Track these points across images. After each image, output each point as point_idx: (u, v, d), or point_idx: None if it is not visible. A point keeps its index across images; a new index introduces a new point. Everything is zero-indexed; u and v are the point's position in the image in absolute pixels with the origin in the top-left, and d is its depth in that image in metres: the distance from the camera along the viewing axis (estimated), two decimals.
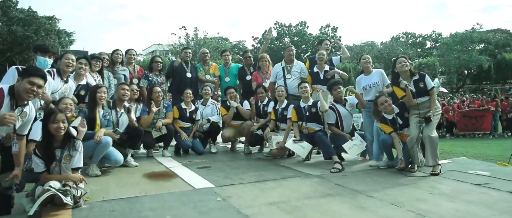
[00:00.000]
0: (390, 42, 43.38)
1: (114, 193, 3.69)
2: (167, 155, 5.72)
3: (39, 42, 4.19)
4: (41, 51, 3.78)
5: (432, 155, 4.51)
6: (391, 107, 4.71)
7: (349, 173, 4.59)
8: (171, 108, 5.92)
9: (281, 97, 5.71)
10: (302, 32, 40.52)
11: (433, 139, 4.49)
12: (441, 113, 4.83)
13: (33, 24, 32.52)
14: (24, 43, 31.85)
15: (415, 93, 4.61)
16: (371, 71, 5.47)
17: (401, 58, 4.69)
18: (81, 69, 4.89)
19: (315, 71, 6.15)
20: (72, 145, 3.40)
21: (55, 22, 36.53)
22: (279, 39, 41.12)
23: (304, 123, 5.36)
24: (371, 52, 41.31)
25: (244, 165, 5.10)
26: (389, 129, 4.72)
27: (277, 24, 41.15)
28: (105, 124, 4.63)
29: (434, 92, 4.64)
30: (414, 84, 4.63)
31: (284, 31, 40.87)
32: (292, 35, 40.67)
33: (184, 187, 3.92)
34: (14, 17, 32.00)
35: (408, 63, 4.61)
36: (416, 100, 4.62)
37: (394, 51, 40.32)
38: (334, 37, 41.10)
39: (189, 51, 7.01)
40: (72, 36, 39.54)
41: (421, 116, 4.58)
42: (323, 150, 5.10)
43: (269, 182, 4.15)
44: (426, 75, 4.69)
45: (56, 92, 4.21)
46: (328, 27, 41.55)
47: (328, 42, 6.71)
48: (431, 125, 4.53)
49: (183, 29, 36.48)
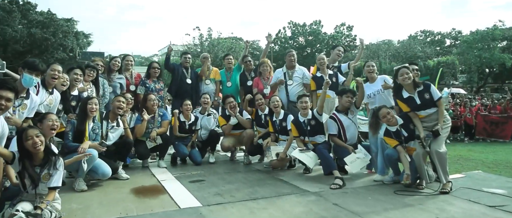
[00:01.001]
0: (407, 41, 42.22)
1: (93, 213, 3.47)
2: (163, 165, 5.49)
3: (29, 59, 4.03)
4: (29, 68, 3.57)
5: (442, 172, 4.14)
6: (394, 119, 4.35)
7: (350, 190, 4.25)
8: (167, 116, 5.69)
9: (277, 108, 5.41)
10: (317, 31, 39.84)
11: (441, 155, 4.11)
12: (450, 124, 4.41)
13: (51, 26, 33.25)
14: (43, 45, 32.61)
15: (420, 105, 4.25)
16: (375, 79, 5.12)
17: (403, 69, 4.31)
18: (76, 80, 4.73)
19: (319, 75, 5.82)
20: (53, 163, 3.20)
21: (73, 24, 37.25)
22: (293, 39, 40.59)
23: (307, 137, 5.05)
24: (388, 50, 40.37)
25: (240, 179, 4.82)
26: (394, 143, 4.36)
27: (291, 24, 40.68)
28: (93, 138, 4.43)
29: (441, 103, 4.27)
30: (418, 96, 4.26)
31: (298, 30, 40.29)
32: (306, 35, 40.08)
33: (169, 206, 3.67)
34: (33, 19, 32.76)
35: (411, 75, 4.23)
36: (424, 112, 4.26)
37: (412, 50, 39.26)
38: (349, 36, 40.48)
39: (189, 56, 6.76)
40: (89, 37, 40.24)
41: (429, 129, 4.21)
42: (323, 165, 4.77)
43: (262, 200, 3.86)
44: (431, 85, 4.31)
45: (41, 103, 4.03)
46: (343, 26, 40.73)
47: (342, 49, 6.39)
48: (440, 139, 4.16)
49: (197, 29, 36.66)
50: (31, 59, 3.74)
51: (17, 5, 31.56)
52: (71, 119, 4.37)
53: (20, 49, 31.79)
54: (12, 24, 30.53)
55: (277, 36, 40.80)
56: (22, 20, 32.34)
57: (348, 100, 4.93)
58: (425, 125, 4.28)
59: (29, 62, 3.67)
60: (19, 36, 30.84)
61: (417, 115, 4.32)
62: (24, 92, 3.61)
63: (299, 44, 40.87)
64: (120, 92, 5.83)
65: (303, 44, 40.55)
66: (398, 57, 36.27)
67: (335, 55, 6.26)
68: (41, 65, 3.70)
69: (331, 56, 6.32)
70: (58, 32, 33.39)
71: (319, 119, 5.03)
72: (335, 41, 37.54)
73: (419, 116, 4.32)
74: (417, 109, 4.30)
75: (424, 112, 4.28)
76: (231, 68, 6.84)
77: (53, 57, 33.31)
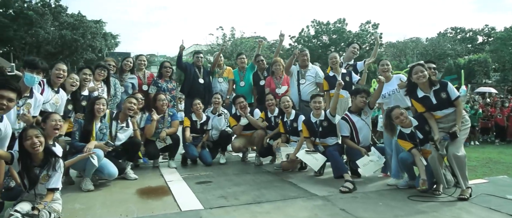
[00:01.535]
0: (436, 38, 40.70)
1: (95, 214, 3.46)
2: (173, 166, 5.46)
3: (29, 58, 4.10)
4: (29, 67, 3.60)
5: (461, 177, 3.87)
6: (408, 120, 4.11)
7: (360, 195, 4.05)
8: (177, 116, 5.65)
9: (288, 109, 5.25)
10: (341, 29, 38.96)
11: (459, 159, 3.83)
12: (469, 125, 4.09)
13: (80, 27, 34.37)
14: (73, 46, 33.77)
15: (436, 105, 3.98)
16: (390, 78, 4.87)
17: (418, 67, 4.03)
18: (86, 79, 4.77)
19: (332, 75, 5.63)
20: (52, 164, 3.19)
21: (102, 25, 38.41)
22: (317, 37, 39.93)
23: (318, 139, 4.88)
24: (416, 48, 39.18)
25: (248, 181, 4.71)
26: (409, 145, 4.11)
27: (314, 22, 40.01)
28: (100, 138, 4.43)
29: (460, 102, 3.97)
30: (434, 95, 3.98)
31: (321, 29, 39.58)
32: (330, 33, 39.33)
33: (170, 208, 3.60)
34: (64, 21, 33.94)
35: (426, 73, 3.97)
36: (440, 112, 4.00)
37: (441, 47, 37.87)
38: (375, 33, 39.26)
39: (201, 55, 6.70)
40: (117, 38, 41.40)
41: (445, 130, 3.95)
42: (333, 168, 4.56)
43: (266, 204, 3.73)
44: (448, 84, 4.02)
45: (47, 102, 4.07)
46: (368, 24, 39.64)
47: (357, 46, 6.15)
48: (458, 141, 3.88)
49: (220, 29, 36.84)
50: (31, 58, 3.76)
51: (49, 8, 32.74)
52: (78, 119, 4.38)
53: (52, 50, 33.06)
54: (44, 26, 31.74)
55: (300, 35, 40.31)
56: (54, 22, 33.63)
57: (362, 100, 4.70)
58: (442, 127, 4.01)
59: (29, 60, 3.70)
60: (51, 37, 32.05)
61: (433, 116, 4.06)
62: (27, 92, 3.64)
63: (323, 42, 40.16)
64: (132, 92, 5.84)
65: (327, 42, 39.75)
66: (427, 55, 35.05)
67: (350, 53, 6.03)
68: (41, 63, 3.71)
69: (346, 53, 6.11)
70: (87, 33, 34.52)
71: (332, 120, 4.84)
72: (360, 39, 36.65)
73: (435, 116, 4.06)
74: (433, 109, 4.04)
75: (440, 112, 4.01)
76: (244, 67, 6.73)
77: (82, 58, 34.46)
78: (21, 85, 3.40)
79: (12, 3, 30.67)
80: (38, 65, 3.65)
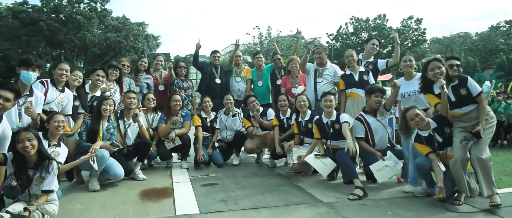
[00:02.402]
0: (487, 33, 38.02)
1: (90, 215, 3.46)
2: (184, 167, 5.41)
3: (23, 56, 4.22)
4: (24, 65, 3.67)
5: (486, 183, 3.45)
6: (424, 122, 3.73)
7: (370, 202, 3.74)
8: (190, 117, 5.60)
9: (303, 108, 5.01)
10: (381, 26, 37.56)
11: (484, 162, 3.43)
12: (494, 124, 3.65)
13: (123, 30, 35.91)
14: (116, 47, 35.35)
15: (455, 102, 3.62)
16: (413, 76, 4.49)
17: (434, 62, 3.67)
18: (98, 81, 4.84)
19: (348, 73, 5.30)
20: (45, 167, 3.22)
21: (144, 27, 39.89)
22: (355, 35, 38.79)
23: (328, 141, 4.62)
24: (464, 44, 36.89)
25: (255, 184, 4.54)
26: (426, 150, 3.75)
27: (353, 19, 38.89)
28: (108, 138, 4.46)
29: (483, 98, 3.56)
30: (453, 91, 3.60)
31: (361, 25, 38.38)
32: (370, 30, 38.01)
33: (166, 212, 3.53)
34: (109, 24, 35.65)
35: (443, 69, 3.59)
36: (459, 110, 3.60)
37: (492, 42, 35.35)
38: (418, 30, 37.52)
39: (218, 55, 6.60)
40: (158, 39, 42.79)
41: (467, 129, 3.55)
42: (343, 173, 4.27)
43: (265, 210, 3.55)
44: (468, 78, 3.62)
45: (52, 102, 4.16)
46: (410, 19, 37.88)
47: (376, 42, 5.77)
48: (482, 143, 3.48)
49: (256, 28, 36.89)
50: (25, 56, 3.82)
51: (95, 12, 34.45)
52: (85, 119, 4.44)
53: (98, 52, 34.87)
54: (91, 29, 33.53)
55: (338, 32, 39.40)
56: (100, 25, 35.41)
57: (377, 100, 4.37)
58: (463, 126, 3.61)
59: (23, 59, 3.77)
60: (96, 40, 33.78)
61: (438, 158, 3.70)
62: (27, 90, 3.71)
63: (362, 40, 38.88)
64: (147, 92, 5.87)
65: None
66: (476, 51, 32.98)
67: (369, 49, 5.67)
68: (35, 60, 3.76)
69: (365, 50, 5.75)
70: (130, 35, 35.97)
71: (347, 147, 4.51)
72: (402, 35, 35.11)
73: (455, 114, 3.67)
74: (451, 107, 3.65)
75: (459, 110, 3.62)
76: (261, 66, 6.56)
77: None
78: (19, 84, 3.47)
79: (63, 9, 32.57)
80: (32, 62, 3.70)
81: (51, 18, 31.34)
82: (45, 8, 31.69)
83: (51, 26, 30.53)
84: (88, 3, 33.83)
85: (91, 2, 34.06)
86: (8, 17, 31.18)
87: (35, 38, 31.58)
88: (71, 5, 32.75)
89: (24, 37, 30.81)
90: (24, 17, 30.19)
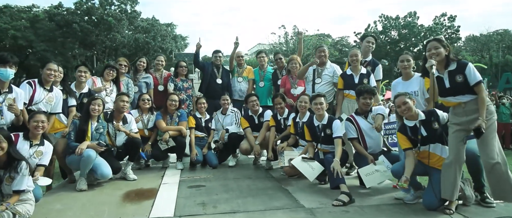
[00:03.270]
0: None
1: (65, 215, 3.46)
2: (179, 167, 5.37)
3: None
4: (0, 62, 3.73)
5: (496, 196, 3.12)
6: (411, 112, 3.49)
7: (354, 209, 3.53)
8: (186, 117, 5.55)
9: (303, 109, 4.81)
10: (411, 24, 36.13)
11: (496, 169, 3.03)
12: (495, 119, 3.22)
13: (152, 31, 36.77)
14: (145, 48, 36.24)
15: (448, 89, 3.23)
16: (411, 76, 4.21)
17: (432, 42, 3.30)
18: (81, 77, 4.88)
19: (349, 73, 5.06)
20: (14, 167, 3.24)
21: (173, 28, 40.67)
22: (385, 33, 37.54)
23: (319, 144, 4.43)
24: (502, 42, 34.86)
25: (243, 187, 4.41)
26: (406, 144, 3.53)
27: (382, 17, 37.69)
28: (97, 138, 4.48)
29: (482, 89, 3.14)
30: (448, 77, 3.22)
31: (390, 24, 37.10)
32: (400, 28, 36.69)
33: (140, 214, 3.47)
34: (138, 26, 36.63)
35: (442, 50, 3.22)
36: (454, 98, 3.25)
37: None
38: (451, 27, 35.77)
39: (220, 54, 6.51)
40: (186, 40, 43.45)
41: (463, 126, 3.19)
42: (329, 177, 4.05)
43: (241, 214, 3.43)
44: (468, 65, 3.17)
45: (40, 102, 4.22)
46: (443, 16, 36.16)
47: (372, 39, 5.48)
48: (488, 143, 3.07)
49: (282, 28, 36.70)
50: (0, 53, 3.85)
51: (125, 13, 35.46)
52: (74, 119, 4.48)
53: (127, 52, 35.83)
54: (121, 30, 34.58)
55: (366, 31, 38.32)
56: (129, 26, 36.46)
57: (365, 102, 4.14)
58: (458, 122, 3.23)
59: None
60: (126, 41, 34.79)
61: (415, 155, 3.49)
62: (6, 87, 3.77)
63: (392, 38, 37.69)
64: (147, 91, 5.89)
65: (395, 38, 37.12)
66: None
67: (365, 47, 5.39)
68: (12, 57, 3.80)
69: (362, 48, 5.46)
70: (157, 36, 36.78)
71: None
72: (433, 33, 33.66)
73: (449, 103, 3.31)
74: (444, 94, 3.30)
75: (453, 98, 3.24)
76: (264, 66, 6.42)
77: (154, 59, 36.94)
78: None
79: (95, 11, 33.75)
80: (8, 59, 3.75)
81: (84, 20, 32.57)
82: (79, 10, 32.97)
83: (84, 28, 31.72)
84: (118, 5, 34.83)
85: (122, 4, 35.05)
86: (45, 19, 32.72)
87: (70, 40, 32.99)
88: (103, 7, 33.86)
89: (59, 38, 32.25)
90: (59, 19, 31.56)
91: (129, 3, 35.53)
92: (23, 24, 31.76)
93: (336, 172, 3.85)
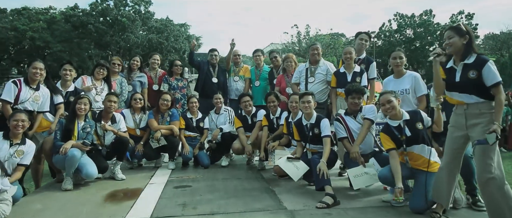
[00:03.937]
0: None
1: (42, 216, 3.42)
2: (171, 167, 5.30)
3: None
4: None
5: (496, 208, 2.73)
6: (394, 111, 3.35)
7: (337, 212, 3.38)
8: (177, 116, 5.48)
9: (295, 109, 4.68)
10: (427, 22, 35.25)
11: (490, 185, 2.67)
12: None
13: (165, 31, 37.06)
14: (158, 48, 36.59)
15: (457, 84, 2.88)
16: (403, 73, 4.04)
17: (448, 31, 2.95)
18: (66, 75, 4.87)
19: (342, 71, 4.89)
20: None
21: (186, 28, 40.90)
22: (400, 32, 36.78)
23: (308, 144, 4.29)
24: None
25: (229, 188, 4.30)
26: (389, 145, 3.37)
27: (397, 15, 36.92)
28: (84, 137, 4.44)
29: (500, 90, 2.73)
30: (462, 70, 2.86)
31: (405, 22, 36.30)
32: (415, 26, 35.85)
33: (118, 214, 3.40)
34: (152, 26, 36.99)
35: (457, 39, 2.85)
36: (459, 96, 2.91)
37: None
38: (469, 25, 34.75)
39: (216, 53, 6.43)
40: (199, 40, 43.63)
41: (461, 130, 2.90)
42: (315, 178, 3.90)
43: (219, 216, 3.32)
44: (489, 62, 2.76)
45: (26, 101, 4.21)
46: (461, 14, 35.14)
47: (365, 36, 5.29)
48: (486, 151, 2.70)
49: (295, 27, 36.48)
50: None
51: (139, 14, 35.87)
52: (60, 119, 4.46)
53: (141, 52, 36.18)
54: (134, 31, 34.97)
55: (380, 30, 37.69)
56: (143, 27, 36.86)
57: (353, 102, 3.99)
58: (457, 124, 2.94)
59: None
60: (139, 41, 35.17)
61: (398, 156, 3.36)
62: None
63: (407, 37, 36.88)
64: (141, 90, 5.86)
65: (411, 37, 36.29)
66: None
67: (358, 45, 5.20)
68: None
69: (355, 46, 5.28)
70: (170, 36, 37.06)
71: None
72: None
73: (452, 100, 2.99)
74: (451, 88, 2.95)
75: (458, 95, 2.89)
76: (260, 64, 6.30)
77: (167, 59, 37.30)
78: None
79: (109, 12, 34.25)
80: None
81: (99, 21, 33.10)
82: (94, 11, 33.51)
83: (99, 29, 32.24)
84: (132, 6, 35.24)
85: (136, 5, 35.45)
86: (61, 21, 33.40)
87: (85, 41, 33.61)
88: (117, 8, 34.32)
89: (75, 39, 32.88)
90: (75, 20, 32.18)
91: (143, 4, 35.92)
92: (41, 25, 32.46)
93: (321, 173, 3.71)
